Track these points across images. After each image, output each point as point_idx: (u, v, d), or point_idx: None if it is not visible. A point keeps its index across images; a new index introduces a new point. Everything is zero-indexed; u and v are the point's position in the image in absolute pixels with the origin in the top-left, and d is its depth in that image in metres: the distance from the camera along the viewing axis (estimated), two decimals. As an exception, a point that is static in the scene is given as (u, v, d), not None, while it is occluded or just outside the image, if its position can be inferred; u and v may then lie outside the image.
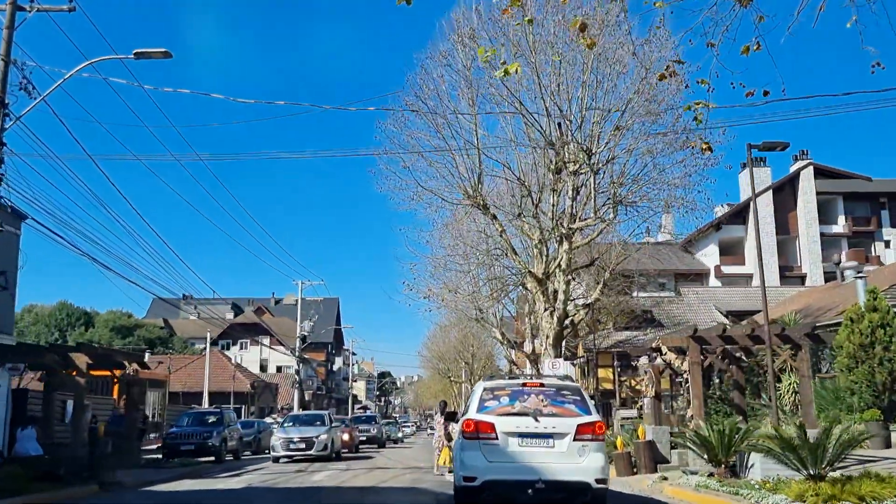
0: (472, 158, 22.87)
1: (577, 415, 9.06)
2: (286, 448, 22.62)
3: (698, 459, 12.55)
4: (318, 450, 22.48)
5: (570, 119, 21.34)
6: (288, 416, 26.47)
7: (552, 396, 9.23)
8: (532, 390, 9.30)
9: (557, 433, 8.90)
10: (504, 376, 11.25)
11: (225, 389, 44.46)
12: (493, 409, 9.19)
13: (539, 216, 23.59)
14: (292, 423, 24.56)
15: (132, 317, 67.16)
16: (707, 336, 13.08)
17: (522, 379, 9.87)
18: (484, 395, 9.41)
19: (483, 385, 9.68)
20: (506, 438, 8.93)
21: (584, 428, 8.94)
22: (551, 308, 23.71)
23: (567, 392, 9.35)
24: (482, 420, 9.09)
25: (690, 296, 47.44)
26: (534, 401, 9.15)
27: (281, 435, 23.35)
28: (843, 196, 54.30)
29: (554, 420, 8.98)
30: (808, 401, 13.68)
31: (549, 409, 9.08)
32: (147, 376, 29.74)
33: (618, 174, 21.81)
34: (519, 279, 24.35)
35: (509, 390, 9.38)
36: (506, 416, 9.07)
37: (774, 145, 11.94)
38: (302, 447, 22.51)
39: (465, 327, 40.70)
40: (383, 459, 24.23)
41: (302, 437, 22.79)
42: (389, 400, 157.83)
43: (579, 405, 9.21)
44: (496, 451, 8.90)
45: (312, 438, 22.68)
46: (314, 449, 22.45)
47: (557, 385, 9.52)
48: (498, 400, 9.27)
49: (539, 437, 8.89)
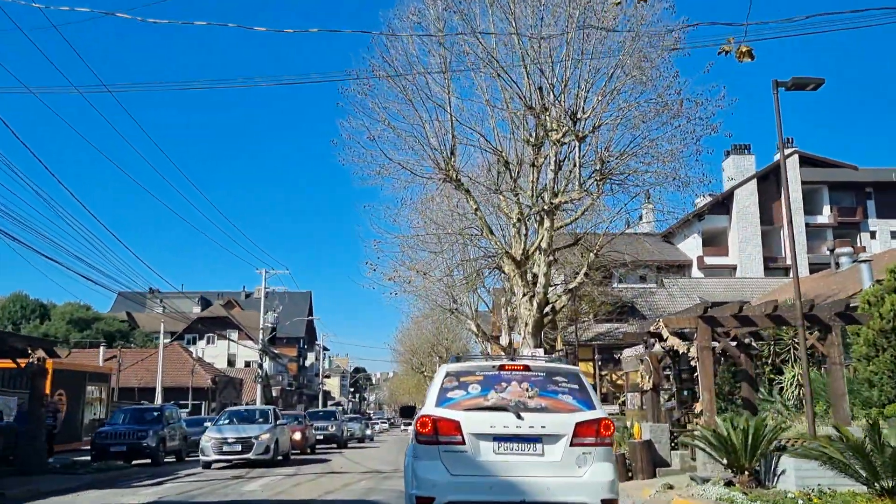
0: (444, 123, 20.55)
1: (576, 409, 6.73)
2: (218, 450, 18.83)
3: (709, 463, 10.41)
4: (257, 452, 18.87)
5: (552, 83, 19.11)
6: (224, 413, 21.92)
7: (541, 384, 6.87)
8: (513, 375, 6.91)
9: (548, 435, 6.59)
10: (476, 358, 8.57)
11: (183, 385, 41.82)
12: (458, 402, 6.79)
13: (518, 193, 21.33)
14: (228, 420, 20.56)
15: (90, 309, 64.10)
16: (720, 316, 10.93)
17: (500, 360, 7.34)
18: (446, 383, 6.97)
19: (445, 369, 7.22)
20: (476, 443, 6.59)
21: (585, 427, 6.60)
22: (531, 293, 21.50)
23: (561, 378, 6.97)
24: (443, 417, 6.67)
25: (673, 287, 45.83)
26: (515, 390, 6.79)
27: (213, 435, 19.24)
28: (828, 185, 52.85)
29: (543, 417, 6.65)
30: (840, 393, 11.62)
31: (537, 401, 6.74)
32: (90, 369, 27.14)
33: (605, 143, 19.60)
34: (495, 261, 22.05)
35: (481, 376, 6.96)
36: (476, 411, 6.70)
37: (806, 82, 9.81)
38: (238, 449, 18.82)
39: (439, 319, 38.40)
40: (342, 462, 21.34)
41: (238, 438, 18.98)
42: (364, 396, 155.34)
43: (578, 396, 6.84)
44: (463, 460, 6.55)
45: (251, 439, 18.99)
46: (253, 451, 18.82)
47: (548, 369, 7.12)
48: (465, 389, 6.88)
49: (523, 440, 6.58)
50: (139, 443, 18.65)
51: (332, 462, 21.49)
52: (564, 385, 6.88)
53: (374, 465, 20.03)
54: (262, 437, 19.19)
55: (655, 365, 13.24)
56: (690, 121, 18.53)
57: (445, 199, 24.25)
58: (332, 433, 31.28)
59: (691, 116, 18.58)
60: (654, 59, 18.21)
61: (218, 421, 20.74)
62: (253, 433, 19.24)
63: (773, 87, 9.81)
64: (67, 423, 23.63)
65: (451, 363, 7.40)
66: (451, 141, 21.20)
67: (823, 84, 9.86)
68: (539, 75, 19.11)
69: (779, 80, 9.92)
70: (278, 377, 79.21)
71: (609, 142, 19.41)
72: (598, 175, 19.45)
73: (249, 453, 18.76)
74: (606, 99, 18.53)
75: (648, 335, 13.28)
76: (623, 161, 19.33)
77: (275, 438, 19.55)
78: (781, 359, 20.10)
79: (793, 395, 19.42)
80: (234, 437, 19.01)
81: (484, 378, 6.90)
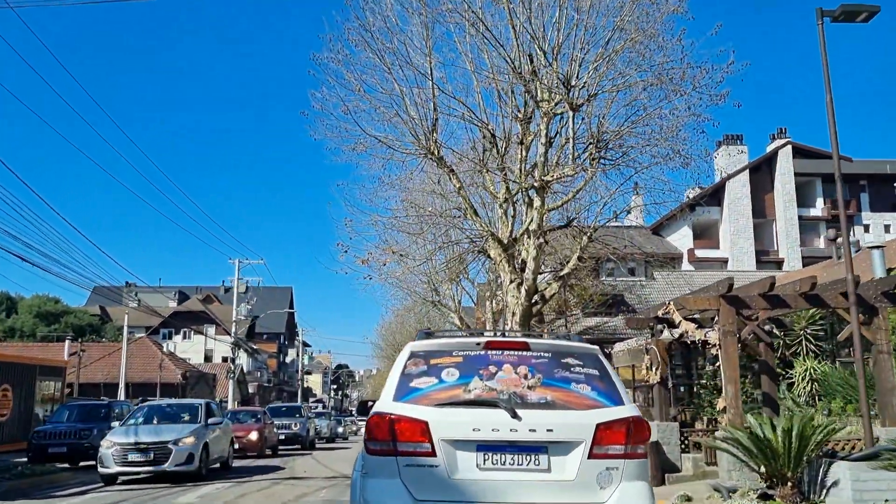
0: (426, 92, 18.72)
1: (596, 404, 4.75)
2: (122, 460, 14.25)
3: (736, 470, 8.69)
4: (176, 462, 14.32)
5: (543, 50, 17.32)
6: (139, 408, 16.77)
7: (546, 369, 4.84)
8: (505, 357, 4.88)
9: (557, 442, 4.59)
10: (455, 333, 6.00)
11: (152, 380, 39.81)
12: (426, 395, 4.75)
13: (505, 169, 19.51)
14: (144, 419, 15.89)
15: (59, 303, 61.83)
16: (746, 296, 9.17)
17: (485, 336, 5.26)
18: (410, 367, 4.93)
19: (410, 348, 5.14)
20: (452, 453, 4.59)
21: (609, 431, 4.61)
22: (518, 280, 19.68)
23: (574, 360, 4.92)
24: (404, 416, 4.65)
25: (663, 280, 44.43)
26: (510, 377, 4.76)
27: (116, 439, 14.63)
28: (821, 178, 51.58)
29: (550, 415, 4.64)
30: (889, 388, 9.88)
31: (541, 393, 4.72)
32: (42, 362, 25.12)
33: (602, 112, 17.80)
34: (480, 245, 20.22)
35: (460, 356, 4.89)
36: (452, 406, 4.68)
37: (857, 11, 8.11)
38: (149, 458, 14.30)
39: (421, 312, 36.60)
40: (305, 465, 18.77)
41: (151, 443, 14.43)
42: (346, 394, 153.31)
43: (598, 386, 4.84)
44: (433, 479, 4.55)
45: (167, 445, 14.38)
46: (171, 461, 14.28)
47: (555, 347, 5.05)
48: (437, 376, 4.82)
49: (520, 449, 4.58)
50: (81, 443, 16.51)
51: (293, 466, 19.08)
52: (579, 370, 4.88)
53: (341, 468, 17.99)
54: (185, 441, 14.61)
55: (664, 355, 11.53)
56: (696, 88, 16.77)
57: (427, 179, 22.46)
58: (295, 432, 27.34)
59: (697, 83, 16.82)
60: (659, 17, 16.45)
61: (129, 419, 16.00)
62: (171, 436, 14.57)
63: (817, 17, 8.12)
64: (14, 422, 21.63)
65: (418, 339, 5.31)
66: (432, 114, 19.39)
67: (878, 13, 8.15)
68: (530, 40, 17.35)
69: (824, 8, 8.21)
70: (257, 373, 77.20)
71: (606, 110, 17.62)
72: (593, 149, 17.66)
73: (165, 464, 14.26)
74: (604, 63, 16.75)
75: (655, 321, 11.57)
76: (621, 134, 17.57)
77: (202, 443, 15.09)
78: (792, 351, 18.48)
79: (804, 391, 17.82)
80: (147, 441, 14.45)
81: (464, 360, 4.86)
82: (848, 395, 15.61)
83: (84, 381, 40.75)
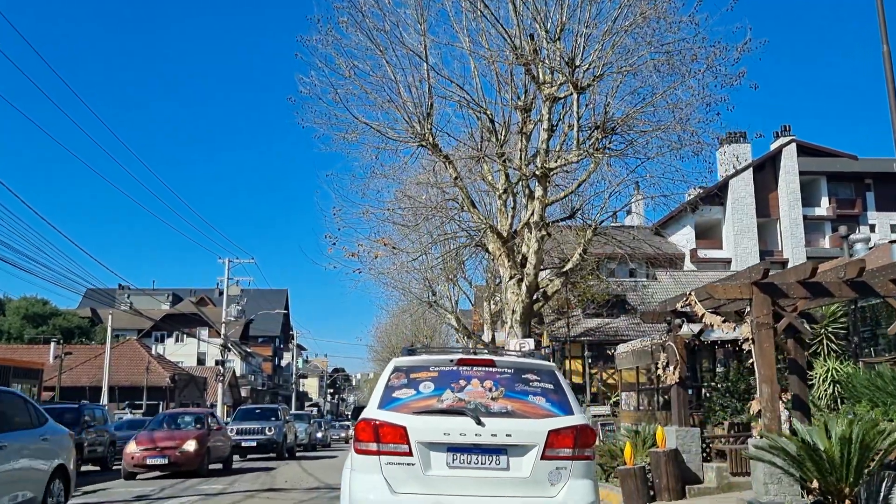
0: (420, 74, 17.60)
1: (549, 414, 5.62)
2: None
3: (774, 484, 7.50)
4: None
5: (546, 28, 16.18)
6: None
7: (507, 383, 5.73)
8: (474, 372, 5.76)
9: (515, 445, 5.50)
10: (434, 351, 6.80)
11: (138, 384, 38.54)
12: (405, 404, 5.65)
13: (505, 157, 18.38)
14: None
15: (48, 304, 60.54)
16: (783, 284, 7.95)
17: (457, 354, 6.09)
18: (393, 380, 5.84)
19: (394, 363, 6.05)
20: (426, 454, 5.49)
21: (559, 436, 5.52)
22: (519, 276, 18.53)
23: (533, 376, 5.80)
24: (386, 422, 5.54)
25: (667, 280, 43.35)
26: (476, 390, 5.67)
27: None
28: (826, 176, 50.51)
29: (509, 422, 5.53)
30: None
31: (502, 403, 5.62)
32: (15, 363, 23.88)
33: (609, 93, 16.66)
34: (477, 238, 19.01)
35: (435, 372, 5.80)
36: (427, 414, 5.57)
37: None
38: None
39: (417, 312, 35.38)
40: (279, 480, 15.72)
41: None
42: (343, 398, 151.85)
43: (552, 398, 5.72)
44: (409, 475, 5.44)
45: None
46: None
47: (517, 364, 5.91)
48: (416, 388, 5.74)
49: (483, 451, 5.49)
50: (48, 450, 15.28)
51: (252, 484, 15.43)
52: (537, 384, 5.78)
53: (325, 480, 15.95)
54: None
55: (682, 352, 10.36)
56: (710, 68, 15.62)
57: (422, 169, 21.30)
58: (270, 438, 22.96)
59: (711, 63, 15.67)
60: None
61: None
62: None
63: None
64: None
65: (401, 356, 6.22)
66: (427, 98, 18.26)
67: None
68: (531, 19, 16.23)
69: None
70: (250, 377, 75.89)
71: (612, 93, 16.47)
72: (599, 134, 16.50)
73: None
74: (612, 42, 15.58)
75: (673, 314, 10.39)
76: (629, 118, 16.41)
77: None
78: (811, 350, 17.29)
79: (825, 393, 16.66)
80: None
81: (439, 374, 5.78)
82: (875, 399, 14.44)
83: (69, 385, 39.54)
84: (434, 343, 53.86)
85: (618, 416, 30.42)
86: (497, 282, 33.92)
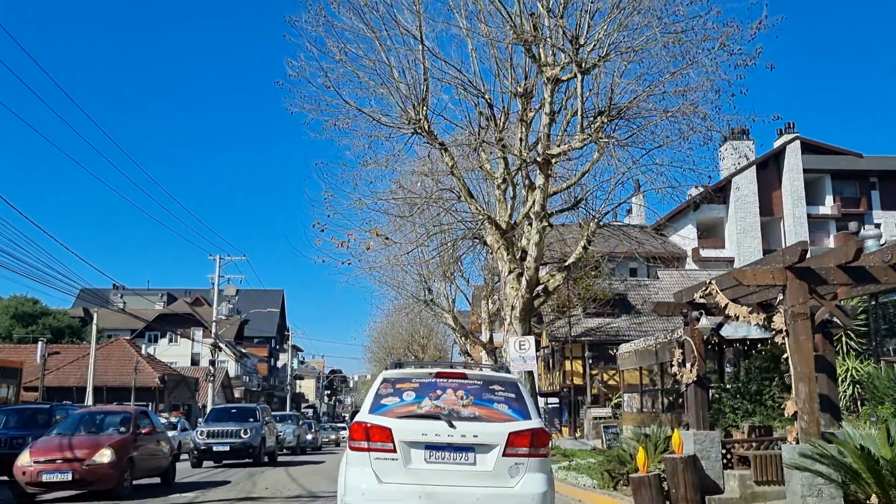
0: (415, 56, 16.66)
1: (510, 419, 6.62)
2: None
3: (813, 497, 6.50)
4: None
5: (548, 7, 15.21)
6: None
7: (476, 392, 6.76)
8: (449, 383, 6.81)
9: (480, 445, 6.47)
10: (418, 364, 7.72)
11: (127, 384, 37.48)
12: (391, 409, 6.68)
13: (504, 144, 17.40)
14: None
15: (38, 303, 59.42)
16: (821, 268, 6.92)
17: (436, 367, 7.17)
18: (381, 390, 6.89)
19: (383, 375, 7.14)
20: (407, 451, 6.45)
21: (518, 438, 6.47)
22: (519, 270, 17.56)
23: (498, 387, 6.87)
24: (375, 424, 6.53)
25: (668, 279, 42.46)
26: (450, 398, 6.70)
27: None
28: (830, 174, 49.57)
29: (477, 426, 6.53)
30: None
31: (471, 410, 6.64)
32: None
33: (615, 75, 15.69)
34: (475, 231, 17.99)
35: (417, 383, 6.85)
36: (408, 418, 6.58)
37: None
38: None
39: (413, 311, 34.35)
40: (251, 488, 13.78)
41: None
42: (340, 399, 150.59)
43: (513, 405, 6.74)
44: (393, 468, 6.43)
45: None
46: None
47: (485, 377, 7.06)
48: (400, 396, 6.77)
49: (454, 449, 6.46)
50: (14, 453, 14.05)
51: None
52: (501, 394, 6.81)
53: (309, 487, 14.16)
54: None
55: (700, 348, 9.36)
56: (723, 46, 14.64)
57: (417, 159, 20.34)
58: (244, 441, 20.04)
59: (724, 41, 14.69)
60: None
61: None
62: None
63: None
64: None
65: (389, 369, 7.26)
66: (422, 83, 17.30)
67: None
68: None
69: None
70: (245, 378, 74.78)
71: (619, 74, 15.48)
72: (604, 118, 15.51)
73: None
74: (619, 18, 14.59)
75: (690, 306, 9.39)
76: (638, 99, 15.43)
77: None
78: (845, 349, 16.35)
79: (845, 394, 15.69)
80: None
81: (419, 385, 6.82)
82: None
83: (56, 385, 38.50)
84: (431, 343, 52.92)
85: (619, 418, 29.43)
86: (496, 280, 32.93)
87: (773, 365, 18.08)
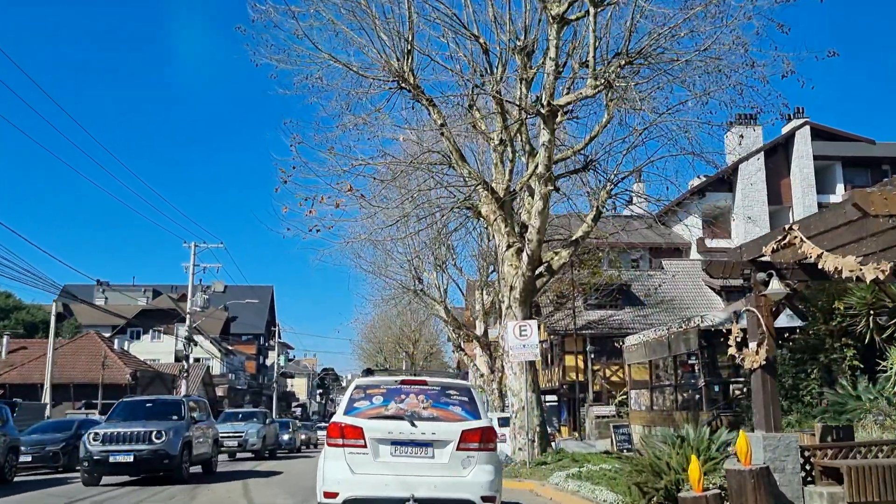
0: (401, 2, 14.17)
1: (462, 419, 7.77)
2: None
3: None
4: None
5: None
6: None
7: (435, 397, 7.90)
8: (411, 389, 7.92)
9: (438, 441, 7.61)
10: (385, 373, 5.78)
11: (94, 381, 35.03)
12: (363, 411, 7.78)
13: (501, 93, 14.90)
14: None
15: (11, 297, 56.94)
16: None
17: (401, 375, 8.60)
18: (354, 395, 7.97)
19: (356, 382, 8.25)
20: (376, 446, 7.57)
21: (469, 435, 7.62)
22: (519, 244, 15.07)
23: (453, 392, 8.04)
24: (348, 424, 7.65)
25: (673, 270, 40.19)
26: (412, 402, 7.82)
27: None
28: (841, 161, 47.34)
29: (434, 425, 7.67)
30: None
31: (430, 411, 7.78)
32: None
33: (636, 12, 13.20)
34: (467, 199, 15.46)
35: (384, 389, 7.95)
36: (377, 419, 7.68)
37: None
38: None
39: (401, 300, 31.88)
40: None
41: None
42: (332, 398, 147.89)
43: (466, 408, 7.89)
44: (364, 461, 7.54)
45: None
46: None
47: (443, 384, 8.14)
48: (370, 400, 7.88)
49: (416, 444, 7.58)
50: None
51: None
52: (456, 398, 7.97)
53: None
54: None
55: (770, 322, 6.93)
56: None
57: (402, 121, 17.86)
58: (154, 449, 14.41)
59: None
60: None
61: None
62: None
63: None
64: None
65: (361, 377, 9.00)
66: (408, 28, 14.88)
67: None
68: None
69: None
70: (230, 375, 72.19)
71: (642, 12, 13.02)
72: (621, 60, 13.05)
73: None
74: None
75: (753, 266, 6.96)
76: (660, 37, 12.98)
77: None
78: (887, 335, 13.84)
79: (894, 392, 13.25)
80: None
81: (387, 391, 7.92)
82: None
83: (21, 382, 35.97)
84: (422, 338, 50.60)
85: (624, 416, 27.03)
86: (490, 269, 30.47)
87: (809, 356, 15.73)
